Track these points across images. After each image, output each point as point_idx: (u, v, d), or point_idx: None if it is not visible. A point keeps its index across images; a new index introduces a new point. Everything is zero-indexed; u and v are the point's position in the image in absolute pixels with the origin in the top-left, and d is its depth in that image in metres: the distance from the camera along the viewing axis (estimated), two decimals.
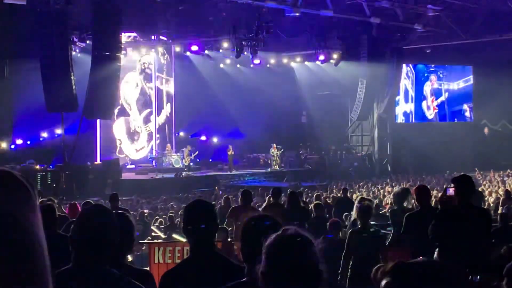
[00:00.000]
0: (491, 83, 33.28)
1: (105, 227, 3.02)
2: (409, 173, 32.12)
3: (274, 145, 32.74)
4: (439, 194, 16.87)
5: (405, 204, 9.95)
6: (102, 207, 3.33)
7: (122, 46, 25.60)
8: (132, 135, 32.75)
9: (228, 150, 31.98)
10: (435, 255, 5.80)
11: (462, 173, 7.17)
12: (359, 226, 8.56)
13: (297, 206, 11.10)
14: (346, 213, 13.65)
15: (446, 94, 38.19)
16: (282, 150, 33.22)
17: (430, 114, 37.93)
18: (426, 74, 37.62)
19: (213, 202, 17.19)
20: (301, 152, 34.93)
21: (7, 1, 20.90)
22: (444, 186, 12.72)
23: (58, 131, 26.48)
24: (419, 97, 37.43)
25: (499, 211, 11.10)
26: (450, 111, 38.23)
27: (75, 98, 23.17)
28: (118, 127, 32.28)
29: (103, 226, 3.02)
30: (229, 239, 10.13)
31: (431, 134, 35.11)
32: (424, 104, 37.77)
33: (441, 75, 37.95)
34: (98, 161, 28.80)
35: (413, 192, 8.76)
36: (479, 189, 18.85)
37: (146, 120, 33.14)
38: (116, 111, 31.09)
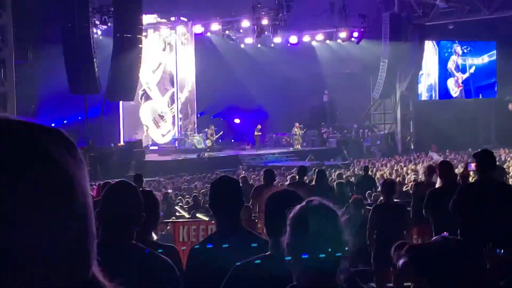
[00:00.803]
0: None
1: (131, 203, 3.08)
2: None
3: (297, 124, 32.68)
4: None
5: (433, 179, 9.90)
6: (127, 183, 3.38)
7: (143, 27, 25.69)
8: (158, 119, 32.91)
9: (256, 130, 32.11)
10: (458, 230, 5.81)
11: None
12: (383, 201, 8.57)
13: (325, 185, 11.14)
14: (369, 191, 13.68)
15: (472, 69, 37.72)
16: (305, 129, 33.19)
17: (455, 92, 37.51)
18: (450, 50, 37.16)
19: None
20: (323, 131, 34.85)
21: None
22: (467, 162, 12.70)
23: (82, 113, 26.69)
24: (443, 74, 37.03)
25: None
26: (475, 87, 37.78)
27: (97, 80, 23.35)
28: (144, 113, 32.47)
29: (129, 202, 3.07)
30: (252, 217, 10.18)
31: (455, 111, 34.82)
32: (450, 81, 37.34)
33: (465, 50, 37.48)
34: (122, 143, 29.00)
35: (436, 168, 8.74)
36: (504, 166, 18.72)
37: (171, 102, 33.21)
38: (140, 93, 31.33)
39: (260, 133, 32.33)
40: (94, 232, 0.97)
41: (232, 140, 34.73)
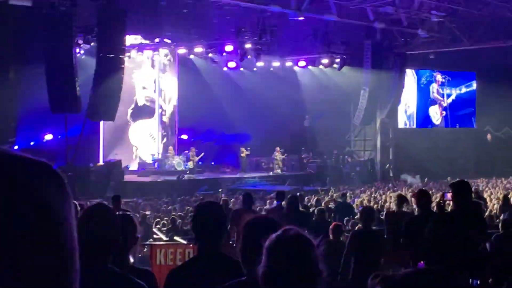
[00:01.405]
0: (495, 89, 33.27)
1: (107, 226, 3.07)
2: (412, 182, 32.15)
3: (278, 148, 32.80)
4: None
5: (404, 208, 9.99)
6: (104, 206, 3.38)
7: (127, 48, 25.70)
8: (148, 139, 32.93)
9: (241, 152, 32.17)
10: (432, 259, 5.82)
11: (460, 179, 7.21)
12: (361, 228, 8.60)
13: (296, 211, 11.13)
14: (347, 218, 13.73)
15: (450, 99, 38.15)
16: (285, 154, 33.28)
17: (437, 119, 37.86)
18: (429, 79, 37.55)
19: None
20: (303, 156, 34.96)
21: (12, 2, 20.99)
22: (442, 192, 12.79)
23: (61, 133, 26.55)
24: (423, 102, 37.37)
25: (501, 217, 11.11)
26: (452, 116, 38.17)
27: (78, 99, 23.25)
28: (135, 132, 32.44)
29: (105, 226, 3.06)
30: (230, 242, 10.16)
31: (434, 139, 35.14)
32: (432, 109, 37.70)
33: (444, 80, 37.90)
34: (101, 163, 28.85)
35: (414, 196, 8.81)
36: (484, 196, 18.88)
37: (156, 122, 33.26)
38: (129, 112, 31.33)
39: (247, 153, 32.50)
40: (77, 268, 0.96)
41: (212, 163, 34.69)
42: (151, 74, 32.97)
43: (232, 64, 32.63)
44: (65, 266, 0.93)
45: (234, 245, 9.97)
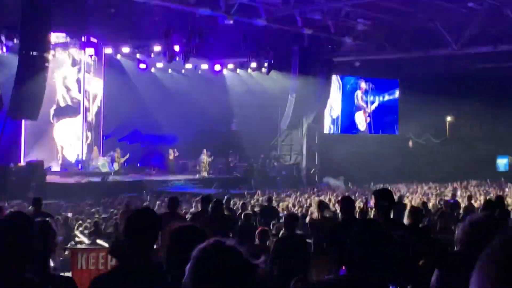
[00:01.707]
0: (416, 97, 34.19)
1: (25, 235, 2.98)
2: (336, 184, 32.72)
3: (205, 151, 32.73)
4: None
5: (326, 214, 10.13)
6: (21, 214, 3.28)
7: (51, 46, 25.13)
8: (73, 138, 32.22)
9: (169, 155, 31.90)
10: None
11: (382, 186, 7.36)
12: (284, 234, 8.65)
13: (220, 215, 11.10)
14: (273, 221, 13.80)
15: (373, 106, 38.98)
16: (212, 157, 33.24)
17: (362, 126, 38.59)
18: (354, 85, 38.24)
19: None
20: (230, 159, 35.02)
21: None
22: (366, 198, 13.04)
23: None
24: (347, 108, 38.02)
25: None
26: (376, 123, 39.00)
27: (0, 98, 22.60)
28: (59, 132, 31.68)
29: (22, 235, 2.98)
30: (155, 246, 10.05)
31: (359, 145, 35.79)
32: (358, 115, 38.39)
33: (367, 87, 38.67)
34: (22, 163, 28.08)
35: (338, 202, 8.93)
36: (404, 202, 19.33)
37: (80, 122, 32.64)
38: (51, 113, 30.58)
39: (176, 155, 32.30)
40: None
41: (138, 165, 34.29)
42: (72, 73, 32.26)
43: (159, 65, 32.46)
44: None
45: (159, 249, 9.86)
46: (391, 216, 6.24)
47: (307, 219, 14.53)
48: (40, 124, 28.26)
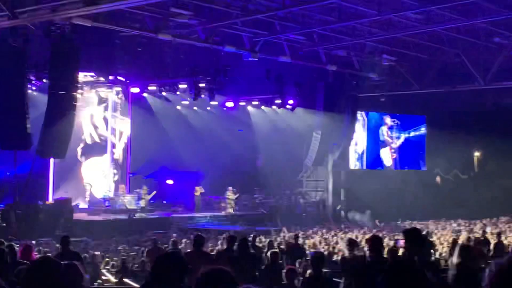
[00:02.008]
0: (444, 132, 33.97)
1: (52, 281, 3.00)
2: (363, 220, 32.48)
3: (230, 188, 32.73)
4: (391, 243, 17.10)
5: (355, 252, 10.03)
6: (49, 260, 3.31)
7: (79, 85, 25.50)
8: (101, 176, 32.46)
9: (195, 191, 31.94)
10: None
11: (410, 223, 7.30)
12: (312, 274, 8.58)
13: (247, 253, 11.07)
14: (299, 260, 13.70)
15: (399, 142, 38.76)
16: (238, 194, 33.21)
17: (388, 161, 38.37)
18: (378, 121, 38.08)
19: (165, 245, 17.05)
20: (255, 196, 34.95)
21: None
22: (395, 238, 12.90)
23: (10, 169, 26.06)
24: (372, 144, 37.85)
25: (449, 262, 11.22)
26: (401, 159, 38.72)
27: (29, 136, 22.89)
28: (86, 170, 31.93)
29: (50, 281, 3.00)
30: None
31: (385, 181, 35.53)
32: (384, 151, 38.19)
33: (393, 123, 38.48)
34: (50, 201, 28.31)
35: (367, 241, 8.84)
36: (432, 239, 19.13)
37: (108, 160, 32.91)
38: (79, 151, 30.88)
39: (202, 192, 32.29)
40: None
41: (164, 202, 34.36)
42: (99, 112, 32.57)
43: (185, 102, 32.70)
44: None
45: None
46: (421, 255, 6.19)
47: (336, 257, 14.42)
48: (68, 162, 28.52)
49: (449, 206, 34.85)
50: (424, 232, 18.81)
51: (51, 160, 28.85)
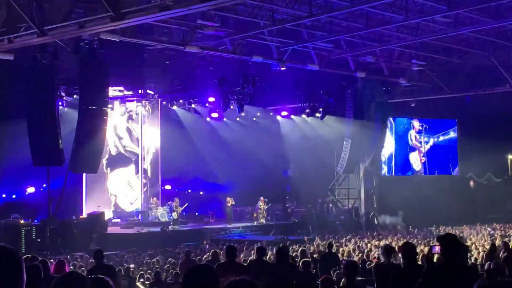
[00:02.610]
0: (476, 136, 33.58)
1: None
2: (396, 227, 32.18)
3: (262, 198, 32.70)
4: (425, 249, 16.89)
5: (392, 260, 9.90)
6: (76, 274, 3.31)
7: (109, 99, 25.72)
8: (126, 187, 32.62)
9: (227, 202, 32.00)
10: None
11: (444, 228, 7.21)
12: (345, 283, 8.49)
13: (286, 263, 11.02)
14: (333, 268, 13.59)
15: (427, 147, 38.30)
16: (269, 203, 33.17)
17: (417, 166, 37.97)
18: (406, 126, 37.65)
19: (198, 257, 17.08)
20: (287, 205, 34.87)
21: None
22: (431, 244, 12.74)
23: (44, 185, 26.37)
24: (402, 148, 37.45)
25: (486, 267, 11.06)
26: (430, 163, 38.24)
27: (61, 152, 23.13)
28: (112, 181, 32.14)
29: None
30: None
31: (417, 186, 35.21)
32: (412, 155, 37.80)
33: (421, 128, 38.02)
34: (84, 215, 28.56)
35: (399, 249, 8.73)
36: (466, 244, 18.85)
37: (136, 171, 33.07)
38: (104, 163, 31.05)
39: (232, 203, 32.27)
40: None
41: (196, 213, 34.47)
42: (122, 122, 32.69)
43: (215, 115, 32.76)
44: None
45: None
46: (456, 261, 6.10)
47: (370, 265, 14.26)
48: (96, 175, 28.83)
49: (483, 210, 34.38)
50: (458, 237, 18.56)
51: (84, 175, 29.11)
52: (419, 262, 9.71)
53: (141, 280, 15.30)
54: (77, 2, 19.58)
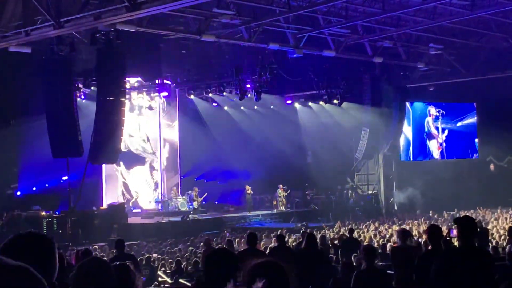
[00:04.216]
0: (495, 119, 33.27)
1: (102, 282, 3.01)
2: (416, 211, 32.05)
3: (281, 185, 32.71)
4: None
5: (408, 242, 9.88)
6: (98, 261, 3.32)
7: (127, 90, 25.79)
8: (144, 186, 32.76)
9: (246, 190, 32.05)
10: None
11: (465, 213, 7.15)
12: (364, 267, 8.47)
13: (315, 249, 11.04)
14: (355, 254, 13.57)
15: (446, 131, 37.93)
16: (289, 191, 33.16)
17: (436, 154, 37.61)
18: (423, 111, 37.26)
19: (218, 245, 17.14)
20: (307, 192, 34.81)
21: (12, 49, 21.16)
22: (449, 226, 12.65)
23: (64, 177, 26.54)
24: (419, 134, 37.08)
25: (507, 250, 10.97)
26: (448, 150, 37.83)
27: (80, 143, 23.29)
28: (133, 179, 32.26)
29: (99, 282, 3.00)
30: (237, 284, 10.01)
31: (437, 171, 34.95)
32: (431, 143, 37.45)
33: (438, 113, 37.60)
34: (104, 206, 28.75)
35: (426, 231, 8.69)
36: (488, 227, 18.74)
37: (152, 168, 33.17)
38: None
39: (251, 192, 32.30)
40: None
41: (216, 202, 34.53)
42: (147, 117, 32.77)
43: (232, 103, 32.73)
44: None
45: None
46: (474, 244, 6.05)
47: (388, 247, 14.23)
48: (108, 166, 28.94)
49: (504, 194, 34.08)
50: (477, 221, 18.46)
51: (103, 166, 29.25)
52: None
53: (162, 269, 15.39)
54: None
